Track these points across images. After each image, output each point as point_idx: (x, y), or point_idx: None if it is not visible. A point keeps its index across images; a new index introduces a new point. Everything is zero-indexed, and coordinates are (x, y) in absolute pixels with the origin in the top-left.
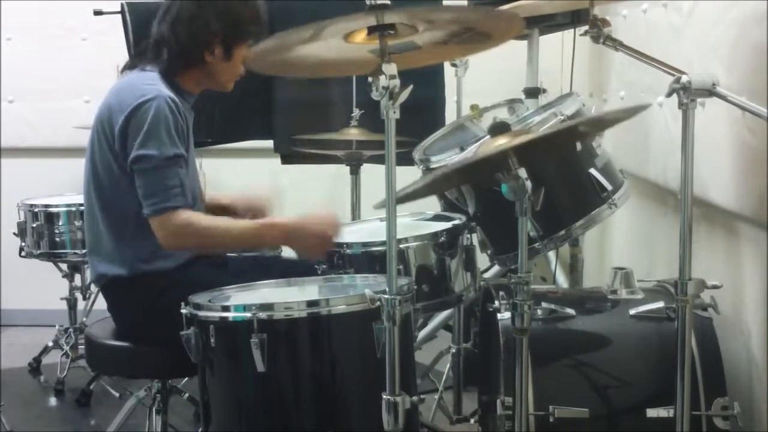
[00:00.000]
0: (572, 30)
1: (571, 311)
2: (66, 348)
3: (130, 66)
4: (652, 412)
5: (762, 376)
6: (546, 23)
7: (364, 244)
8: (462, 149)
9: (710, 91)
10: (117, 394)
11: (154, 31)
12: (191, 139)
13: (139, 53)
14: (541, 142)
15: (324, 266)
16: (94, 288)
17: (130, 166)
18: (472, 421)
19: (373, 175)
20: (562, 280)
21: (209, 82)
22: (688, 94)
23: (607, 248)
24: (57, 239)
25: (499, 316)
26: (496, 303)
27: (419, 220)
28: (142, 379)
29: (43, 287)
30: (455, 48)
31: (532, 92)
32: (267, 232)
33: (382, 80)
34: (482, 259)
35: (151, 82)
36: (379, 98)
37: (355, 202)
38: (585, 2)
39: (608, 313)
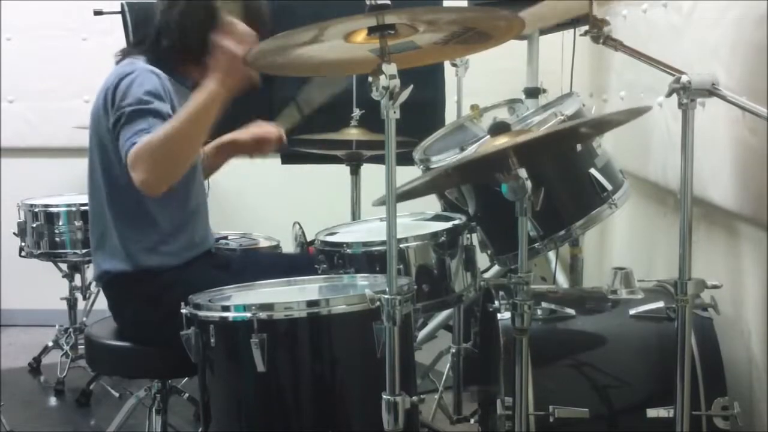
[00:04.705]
0: (572, 30)
1: (571, 311)
2: (66, 348)
3: (122, 57)
4: (652, 412)
5: (762, 376)
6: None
7: (364, 244)
8: (462, 149)
9: (710, 91)
10: (117, 394)
11: (159, 22)
12: None
13: (136, 44)
14: (541, 142)
15: (324, 266)
16: (94, 288)
17: (112, 126)
18: (472, 421)
19: (373, 175)
20: (562, 280)
21: (203, 78)
22: (688, 94)
23: (607, 248)
24: (57, 239)
25: (499, 316)
26: (496, 303)
27: (419, 220)
28: (142, 379)
29: (43, 287)
30: (455, 48)
31: (532, 92)
32: (200, 89)
33: (382, 80)
34: (482, 259)
35: (131, 64)
36: (379, 98)
37: (355, 202)
38: (585, 3)
39: (608, 313)
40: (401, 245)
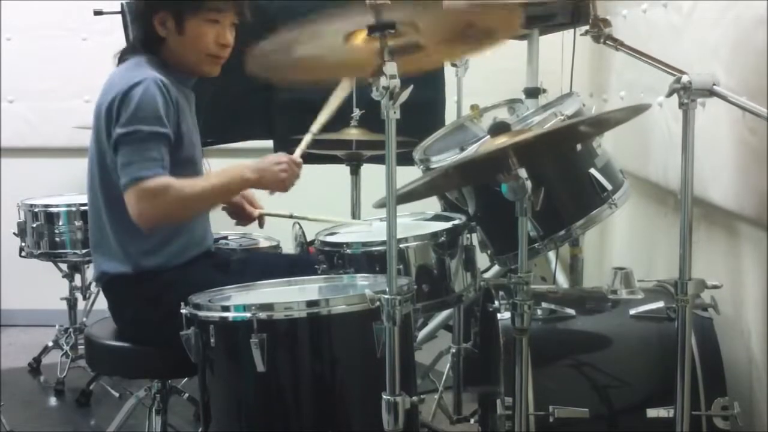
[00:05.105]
0: (572, 30)
1: (571, 311)
2: (66, 348)
3: (121, 58)
4: (652, 412)
5: (762, 376)
6: (546, 23)
7: (364, 244)
8: (462, 149)
9: (710, 91)
10: (117, 394)
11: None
12: (190, 119)
13: (130, 46)
14: (541, 142)
15: (324, 266)
16: (94, 288)
17: (114, 144)
18: (472, 421)
19: (373, 175)
20: (562, 280)
21: (181, 64)
22: (689, 94)
23: (607, 248)
24: (57, 239)
25: (499, 316)
26: (496, 303)
27: (419, 220)
28: (142, 379)
29: (43, 287)
30: (460, 47)
31: (532, 92)
32: (238, 171)
33: (382, 80)
34: (482, 259)
35: (137, 68)
36: (379, 98)
37: (355, 202)
38: (585, 1)
39: (608, 313)
40: (401, 245)
